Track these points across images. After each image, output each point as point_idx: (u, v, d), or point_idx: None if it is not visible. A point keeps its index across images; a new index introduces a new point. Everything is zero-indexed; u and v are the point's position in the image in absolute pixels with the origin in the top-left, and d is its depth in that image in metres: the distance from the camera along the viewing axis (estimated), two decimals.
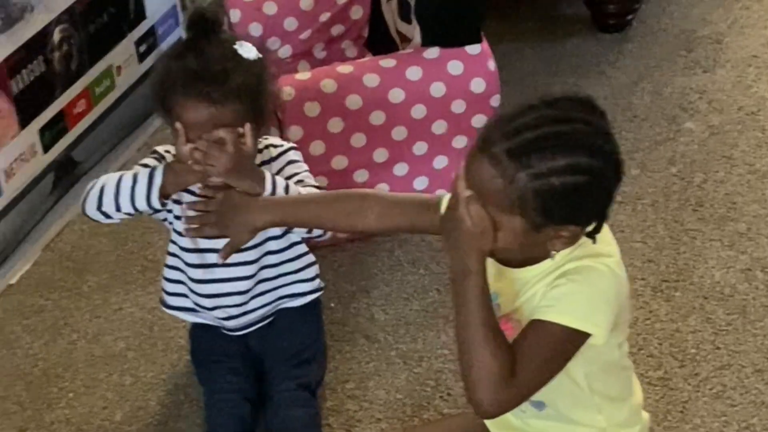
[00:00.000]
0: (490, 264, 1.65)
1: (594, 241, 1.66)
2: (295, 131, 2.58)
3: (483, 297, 1.60)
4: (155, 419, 2.31)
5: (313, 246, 2.29)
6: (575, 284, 1.62)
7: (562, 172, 1.55)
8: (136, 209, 2.08)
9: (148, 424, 2.30)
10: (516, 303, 1.69)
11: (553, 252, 1.63)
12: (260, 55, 2.06)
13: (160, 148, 2.17)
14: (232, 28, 2.90)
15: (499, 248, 1.62)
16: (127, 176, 2.07)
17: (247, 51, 2.04)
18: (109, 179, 2.08)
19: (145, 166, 2.10)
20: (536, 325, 1.63)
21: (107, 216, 2.10)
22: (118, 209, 2.08)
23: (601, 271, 1.64)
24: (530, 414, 1.79)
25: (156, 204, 2.07)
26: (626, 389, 1.83)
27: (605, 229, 1.69)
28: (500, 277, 1.69)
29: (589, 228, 1.64)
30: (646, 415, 1.89)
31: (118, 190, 2.06)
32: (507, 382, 1.59)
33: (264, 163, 2.15)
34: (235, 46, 2.04)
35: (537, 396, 1.69)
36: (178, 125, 1.99)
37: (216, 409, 2.16)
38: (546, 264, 1.66)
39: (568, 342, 1.62)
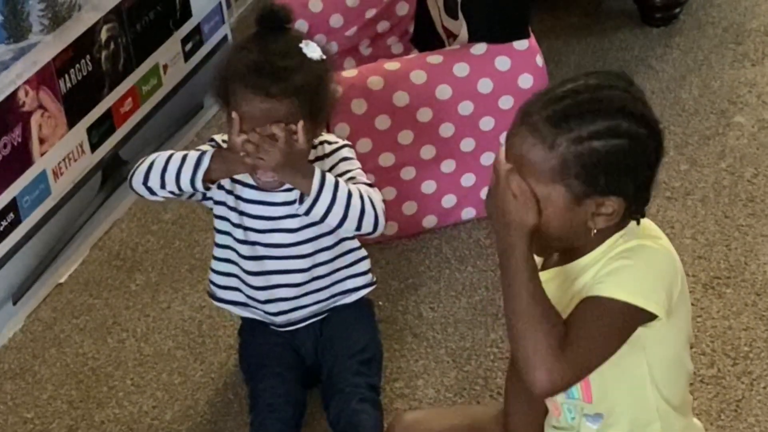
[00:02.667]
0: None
1: (638, 223, 1.64)
2: (342, 128, 2.58)
3: (529, 271, 1.58)
4: (204, 418, 2.32)
5: (361, 243, 2.29)
6: (628, 260, 1.60)
7: (603, 135, 1.55)
8: (180, 188, 2.11)
9: (197, 424, 2.31)
10: (564, 302, 1.66)
11: (594, 231, 1.61)
12: (324, 56, 2.08)
13: (218, 137, 2.19)
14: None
15: (541, 230, 1.59)
16: (177, 155, 2.11)
17: (312, 51, 2.06)
18: (159, 156, 2.12)
19: (200, 151, 2.12)
20: (588, 301, 1.60)
21: (152, 192, 2.13)
22: (162, 186, 2.11)
23: (655, 248, 1.63)
24: (585, 430, 1.76)
25: (199, 186, 2.09)
26: (688, 403, 1.78)
27: (651, 223, 1.67)
28: (547, 284, 1.67)
29: (632, 206, 1.62)
30: (699, 425, 1.85)
31: (165, 167, 2.10)
32: (559, 357, 1.55)
33: (318, 158, 2.16)
34: (301, 45, 2.06)
35: (596, 407, 1.67)
36: (234, 115, 2.00)
37: (261, 414, 2.16)
38: (592, 255, 1.64)
39: (622, 318, 1.58)
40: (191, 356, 2.47)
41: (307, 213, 2.08)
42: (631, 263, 1.60)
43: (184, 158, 2.10)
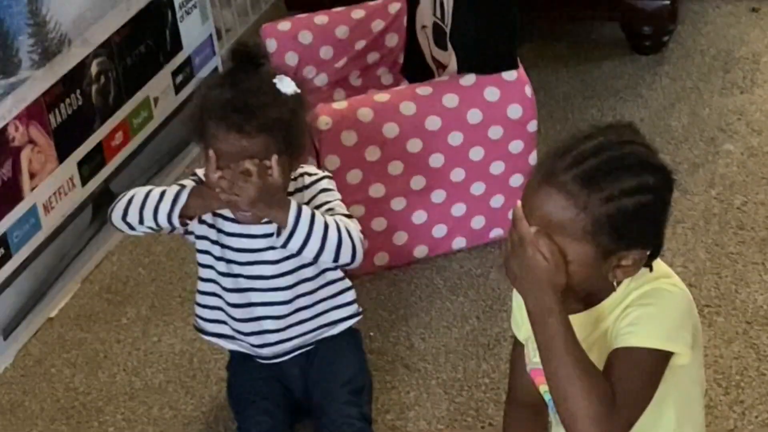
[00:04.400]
0: None
1: (651, 270, 1.65)
2: (332, 160, 2.58)
3: (567, 332, 1.58)
4: None
5: (351, 275, 2.29)
6: (649, 307, 1.61)
7: (633, 192, 1.56)
8: (158, 224, 2.12)
9: None
10: (585, 348, 1.67)
11: (615, 283, 1.63)
12: (298, 90, 2.09)
13: (200, 171, 2.20)
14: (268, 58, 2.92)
15: (567, 283, 1.60)
16: (155, 191, 2.12)
17: (286, 86, 2.07)
18: (138, 192, 2.14)
19: (181, 185, 2.13)
20: (621, 353, 1.61)
21: (131, 227, 2.15)
22: (141, 222, 2.12)
23: (670, 290, 1.64)
24: None
25: (176, 223, 2.11)
26: (701, 415, 1.80)
27: (659, 261, 1.68)
28: None
29: (649, 255, 1.64)
30: None
31: (144, 203, 2.11)
32: (609, 415, 1.56)
33: (297, 190, 2.17)
34: (275, 80, 2.07)
35: None
36: (210, 153, 2.02)
37: None
38: (608, 302, 1.65)
39: (656, 365, 1.61)
40: (182, 390, 2.47)
41: (284, 246, 2.09)
42: (653, 310, 1.61)
43: (162, 194, 2.11)
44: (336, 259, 2.10)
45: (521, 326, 1.79)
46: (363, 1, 3.08)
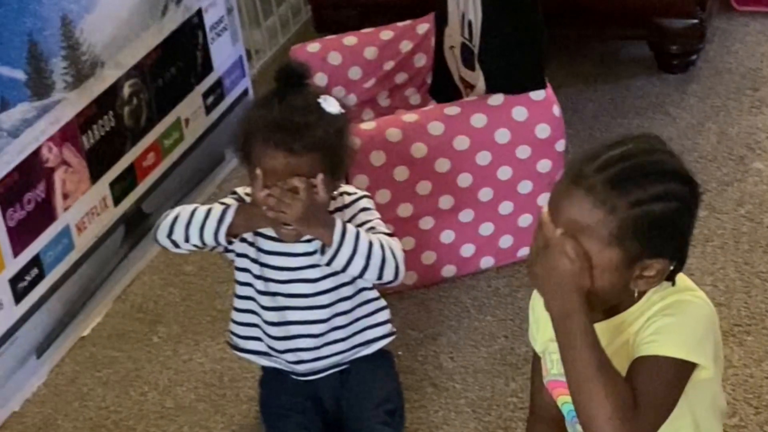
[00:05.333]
0: None
1: (673, 284, 1.66)
2: (361, 180, 2.60)
3: (589, 335, 1.58)
4: None
5: (380, 293, 2.31)
6: (673, 317, 1.62)
7: (660, 198, 1.58)
8: (203, 242, 2.14)
9: None
10: None
11: (636, 293, 1.63)
12: (343, 111, 2.11)
13: (240, 190, 2.22)
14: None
15: (590, 289, 1.60)
16: (201, 209, 2.14)
17: (331, 105, 2.10)
18: (183, 210, 2.16)
19: (224, 204, 2.15)
20: (644, 361, 1.61)
21: (176, 245, 2.16)
22: (186, 239, 2.14)
23: (695, 302, 1.65)
24: None
25: (222, 241, 2.13)
26: (720, 423, 1.79)
27: (683, 275, 1.69)
28: None
29: (672, 267, 1.64)
30: None
31: (190, 221, 2.13)
32: (631, 421, 1.56)
33: (338, 209, 2.19)
34: (319, 100, 2.10)
35: None
36: (258, 171, 2.04)
37: None
38: (630, 312, 1.66)
39: (679, 375, 1.61)
40: (212, 409, 2.48)
41: (329, 263, 2.10)
42: (677, 320, 1.62)
43: (208, 212, 2.13)
44: (380, 276, 2.12)
45: (537, 339, 1.80)
46: (392, 23, 3.10)
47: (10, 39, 2.48)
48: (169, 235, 2.16)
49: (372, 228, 2.17)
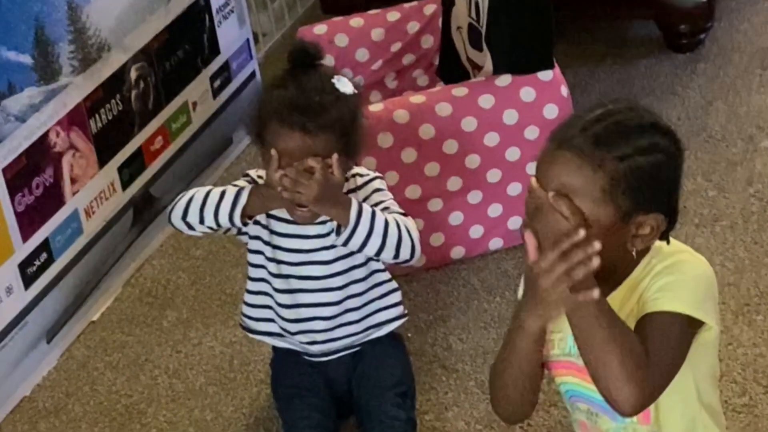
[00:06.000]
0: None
1: (668, 242, 1.67)
2: (369, 162, 2.59)
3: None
4: None
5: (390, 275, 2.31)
6: (675, 275, 1.62)
7: (646, 151, 1.60)
8: (218, 224, 2.13)
9: None
10: None
11: (635, 253, 1.64)
12: (356, 91, 2.11)
13: (252, 172, 2.22)
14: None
15: None
16: (215, 191, 2.14)
17: (344, 85, 2.10)
18: (198, 192, 2.15)
19: (237, 186, 2.16)
20: (651, 317, 1.61)
21: (190, 227, 2.16)
22: (201, 221, 2.14)
23: (692, 261, 1.66)
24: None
25: (237, 222, 2.12)
26: (721, 413, 1.80)
27: (675, 241, 1.70)
28: None
29: (666, 223, 1.65)
30: None
31: (204, 203, 2.13)
32: (645, 375, 1.55)
33: (350, 191, 2.19)
34: (333, 80, 2.09)
35: (652, 426, 1.69)
36: (273, 152, 2.03)
37: None
38: (631, 279, 1.66)
39: (685, 331, 1.61)
40: (223, 392, 2.49)
41: (345, 243, 2.10)
42: (679, 278, 1.62)
43: (222, 194, 2.13)
44: (396, 256, 2.12)
45: None
46: (398, 4, 3.09)
47: (16, 24, 2.47)
48: (184, 217, 2.15)
49: (386, 208, 2.17)
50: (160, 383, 2.54)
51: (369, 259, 2.21)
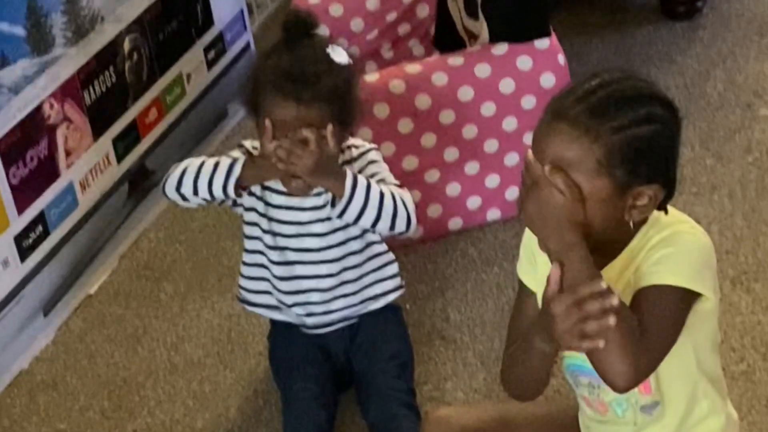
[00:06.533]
0: None
1: (666, 213, 1.66)
2: (365, 133, 2.58)
3: (592, 268, 1.56)
4: (235, 426, 2.33)
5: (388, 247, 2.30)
6: (672, 247, 1.61)
7: (642, 121, 1.57)
8: (212, 195, 2.13)
9: (228, 431, 2.32)
10: None
11: (632, 224, 1.62)
12: (351, 60, 2.09)
13: (247, 143, 2.21)
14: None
15: (583, 227, 1.58)
16: (209, 162, 2.13)
17: (339, 55, 2.08)
18: (191, 163, 2.15)
19: (231, 157, 2.15)
20: (647, 291, 1.60)
21: (184, 198, 2.16)
22: (195, 193, 2.13)
23: (691, 233, 1.64)
24: (641, 423, 1.76)
25: (231, 193, 2.12)
26: (723, 380, 1.80)
27: (674, 210, 1.68)
28: None
29: (664, 194, 1.63)
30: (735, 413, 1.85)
31: (198, 174, 2.12)
32: (639, 350, 1.54)
33: (345, 162, 2.18)
34: (328, 50, 2.07)
35: (653, 396, 1.69)
36: (267, 122, 2.02)
37: (293, 416, 2.18)
38: (628, 250, 1.65)
39: (681, 304, 1.60)
40: (221, 364, 2.49)
41: (341, 215, 2.09)
42: (676, 250, 1.61)
43: (216, 165, 2.12)
44: (392, 227, 2.11)
45: (534, 276, 1.77)
46: None
47: None
48: (178, 188, 2.14)
49: (381, 180, 2.16)
50: (157, 356, 2.54)
51: (365, 231, 2.20)
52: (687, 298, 1.61)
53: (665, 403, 1.73)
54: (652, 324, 1.58)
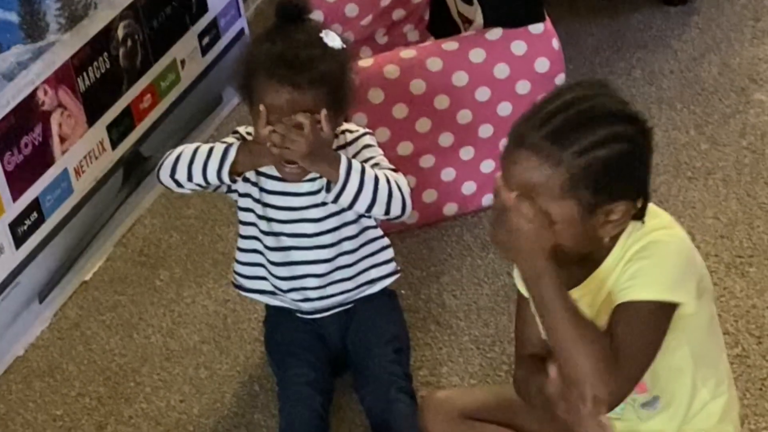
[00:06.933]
0: None
1: (642, 222, 1.66)
2: (359, 118, 2.58)
3: (563, 294, 1.59)
4: (232, 411, 2.34)
5: (383, 232, 2.30)
6: (647, 260, 1.62)
7: (604, 142, 1.58)
8: (207, 181, 2.12)
9: (224, 417, 2.33)
10: (593, 314, 1.69)
11: (608, 239, 1.64)
12: (344, 46, 2.09)
13: (242, 129, 2.20)
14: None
15: (557, 247, 1.60)
16: (204, 148, 2.13)
17: (332, 40, 2.08)
18: (186, 149, 2.14)
19: (225, 143, 2.14)
20: (622, 308, 1.63)
21: (179, 184, 2.15)
22: (189, 179, 2.12)
23: (666, 240, 1.65)
24: (645, 417, 1.77)
25: (226, 179, 2.11)
26: (726, 370, 1.81)
27: (656, 211, 1.69)
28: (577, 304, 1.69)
29: (637, 206, 1.64)
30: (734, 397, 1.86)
31: (192, 160, 2.12)
32: (613, 372, 1.58)
33: (340, 147, 2.18)
34: (321, 35, 2.07)
35: (650, 393, 1.71)
36: (261, 107, 2.01)
37: (290, 401, 2.18)
38: (608, 262, 1.66)
39: (660, 316, 1.62)
40: (217, 350, 2.49)
41: (336, 200, 2.09)
42: (652, 262, 1.62)
43: (210, 151, 2.11)
44: (387, 211, 2.11)
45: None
46: None
47: None
48: (172, 174, 2.14)
49: (376, 164, 2.16)
50: (153, 342, 2.54)
51: (360, 216, 2.20)
52: (665, 308, 1.62)
53: (666, 398, 1.74)
54: (629, 343, 1.60)
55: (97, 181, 2.78)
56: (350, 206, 2.11)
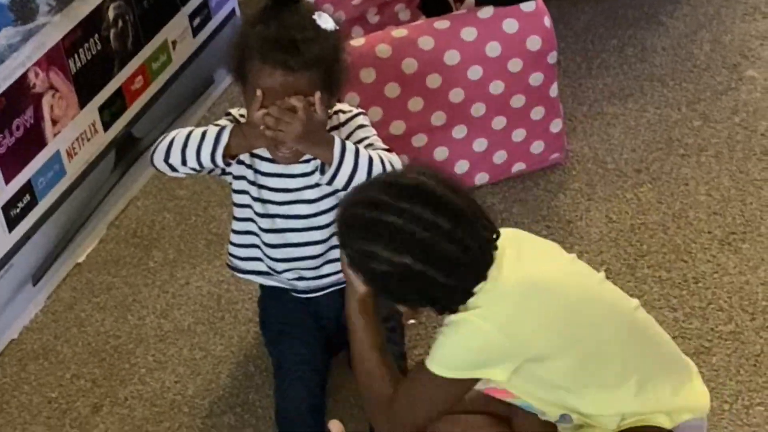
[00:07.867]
0: None
1: (439, 314, 1.80)
2: (352, 98, 2.58)
3: (373, 334, 1.90)
4: (227, 392, 2.34)
5: None
6: (448, 336, 1.76)
7: (381, 260, 1.74)
8: (201, 165, 2.11)
9: (220, 397, 2.33)
10: None
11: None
12: (337, 27, 2.08)
13: (235, 111, 2.19)
14: None
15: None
16: (197, 131, 2.12)
17: (325, 22, 2.06)
18: (179, 133, 2.13)
19: (218, 126, 2.13)
20: (417, 366, 1.83)
21: (173, 168, 2.14)
22: (183, 162, 2.12)
23: (475, 324, 1.74)
24: (571, 428, 1.87)
25: (220, 162, 2.10)
26: (621, 375, 1.81)
27: (511, 280, 1.77)
28: None
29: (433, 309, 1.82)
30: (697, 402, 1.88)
31: (186, 143, 2.11)
32: (388, 409, 1.83)
33: (333, 128, 2.17)
34: (314, 16, 2.06)
35: (552, 415, 1.84)
36: (258, 92, 2.02)
37: (285, 380, 2.18)
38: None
39: (440, 387, 1.78)
40: (211, 331, 2.49)
41: (330, 182, 2.09)
42: (446, 339, 1.76)
43: (203, 134, 2.11)
44: None
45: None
46: None
47: None
48: (166, 158, 2.13)
49: (370, 145, 2.15)
50: (148, 323, 2.54)
51: None
52: (449, 381, 1.76)
53: (575, 415, 1.83)
54: (406, 396, 1.82)
55: (89, 163, 2.77)
56: (345, 187, 2.10)
